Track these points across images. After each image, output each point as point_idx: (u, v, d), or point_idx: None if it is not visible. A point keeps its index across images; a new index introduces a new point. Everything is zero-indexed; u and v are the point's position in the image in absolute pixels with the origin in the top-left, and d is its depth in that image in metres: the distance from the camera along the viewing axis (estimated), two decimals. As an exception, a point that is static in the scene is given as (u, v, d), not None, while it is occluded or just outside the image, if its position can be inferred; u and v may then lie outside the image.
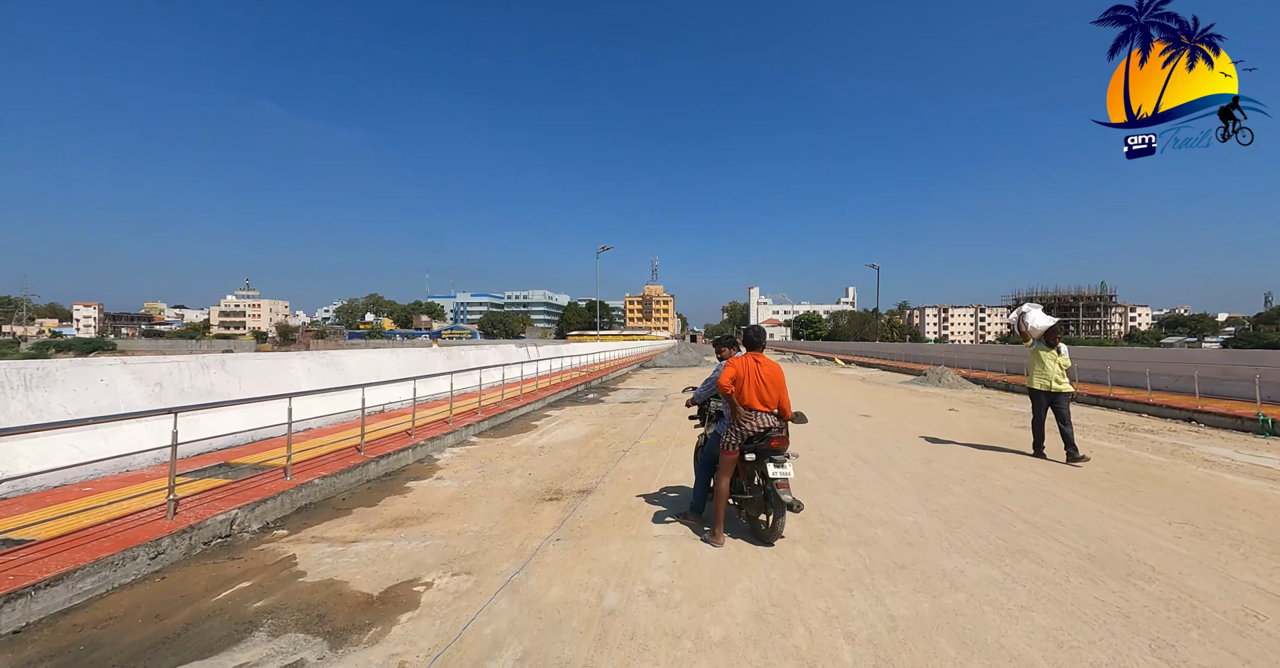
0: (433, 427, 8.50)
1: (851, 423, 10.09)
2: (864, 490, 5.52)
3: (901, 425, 9.88)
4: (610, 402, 14.06)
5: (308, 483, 5.18)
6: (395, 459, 6.72)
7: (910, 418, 10.89)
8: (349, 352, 9.49)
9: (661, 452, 7.76)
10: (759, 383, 4.14)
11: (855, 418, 10.71)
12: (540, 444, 8.45)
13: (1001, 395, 15.40)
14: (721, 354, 4.75)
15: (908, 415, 11.26)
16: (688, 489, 5.75)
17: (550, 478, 6.31)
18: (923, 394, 15.77)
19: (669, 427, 9.95)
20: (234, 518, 4.25)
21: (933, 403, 13.59)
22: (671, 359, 34.31)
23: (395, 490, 5.79)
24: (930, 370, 19.56)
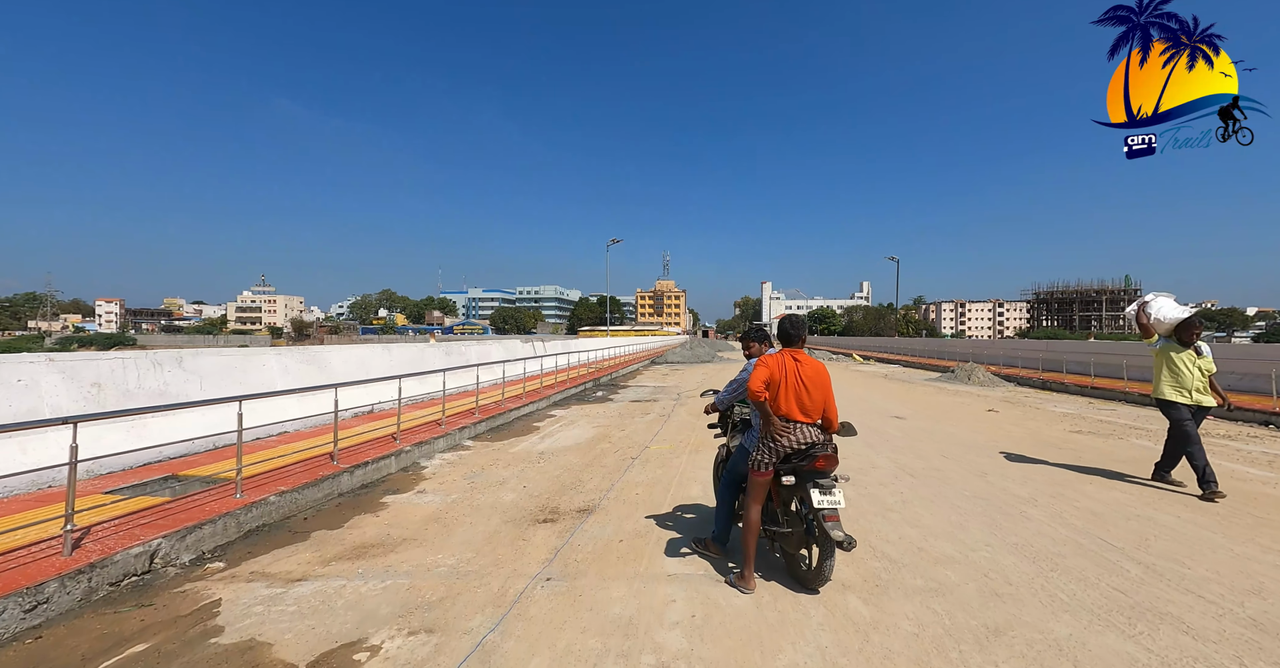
0: (423, 429, 7.74)
1: (885, 427, 9.16)
2: (918, 513, 4.63)
3: (941, 430, 8.93)
4: (619, 400, 13.25)
5: (261, 501, 4.42)
6: (375, 468, 5.96)
7: (948, 420, 9.92)
8: (335, 347, 8.78)
9: (674, 460, 6.91)
10: (799, 387, 3.28)
11: (888, 421, 9.77)
12: (540, 449, 7.66)
13: (1040, 395, 14.32)
14: (750, 350, 3.90)
15: (945, 417, 10.29)
16: (706, 509, 4.91)
17: (547, 492, 5.50)
18: (954, 393, 14.74)
19: (682, 429, 9.11)
20: (156, 550, 3.49)
21: (967, 403, 12.58)
22: (683, 355, 33.43)
23: (368, 507, 5.01)
24: (958, 367, 18.48)
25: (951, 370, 18.70)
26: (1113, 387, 13.25)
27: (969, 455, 6.91)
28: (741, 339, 3.97)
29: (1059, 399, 13.16)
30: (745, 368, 3.72)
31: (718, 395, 4.09)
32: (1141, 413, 10.69)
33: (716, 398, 4.10)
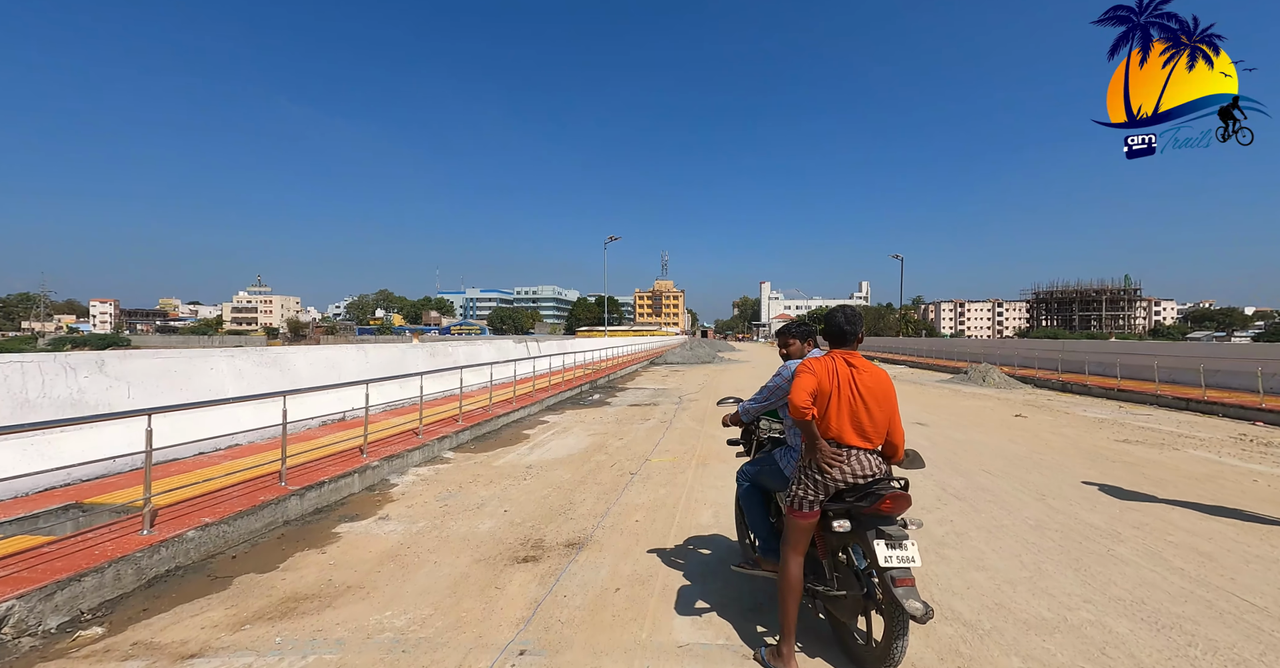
0: (397, 440, 6.91)
1: (910, 435, 8.35)
2: (980, 550, 3.81)
3: (972, 438, 8.12)
4: (617, 404, 12.42)
5: (176, 538, 3.58)
6: (333, 489, 5.12)
7: (976, 427, 9.11)
8: (300, 348, 7.94)
9: (679, 475, 6.09)
10: (855, 402, 2.47)
11: (911, 428, 8.97)
12: (528, 462, 6.83)
13: (1064, 398, 13.52)
14: (788, 350, 3.08)
15: (971, 424, 9.48)
16: (721, 540, 4.09)
17: (532, 518, 4.68)
18: (971, 396, 13.94)
19: (686, 438, 8.29)
20: (5, 615, 2.65)
21: (990, 407, 11.78)
22: (683, 356, 32.62)
23: (315, 540, 4.18)
24: (971, 368, 17.69)
25: (964, 371, 17.91)
26: (1142, 389, 12.48)
27: (1015, 471, 6.10)
28: (780, 336, 3.15)
29: (1085, 403, 12.37)
30: (781, 372, 2.91)
31: (742, 405, 3.26)
32: (1183, 418, 9.90)
33: (740, 407, 3.26)
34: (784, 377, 2.87)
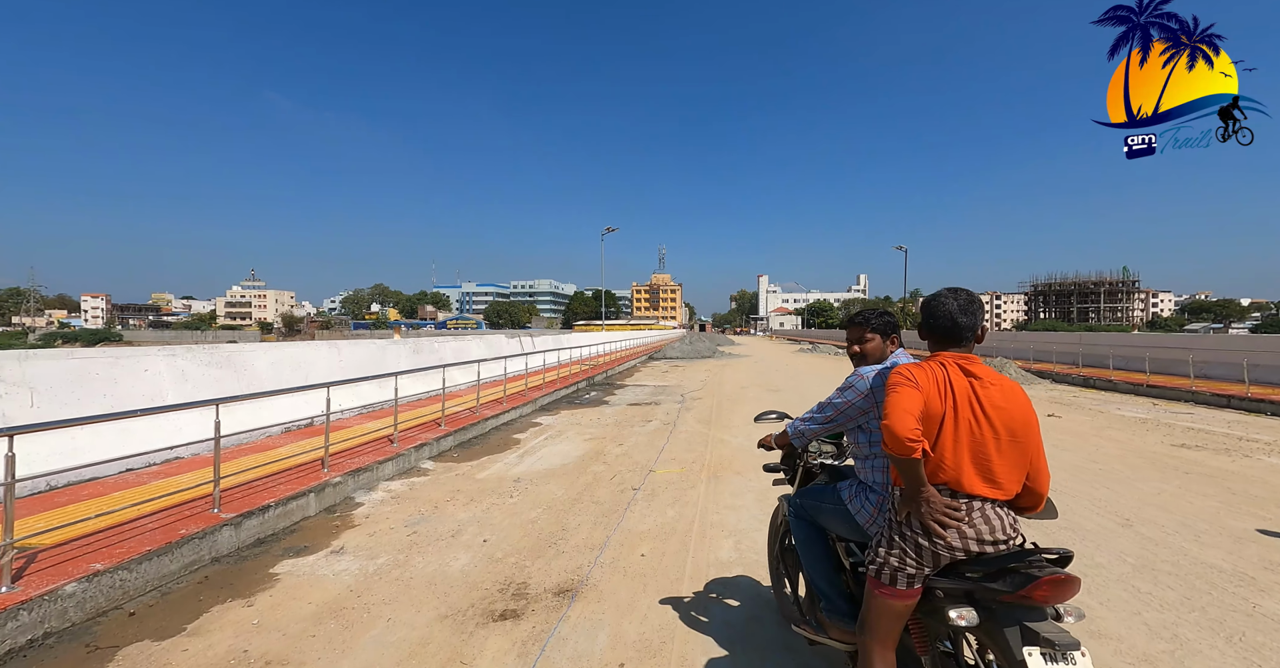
0: (367, 449, 6.09)
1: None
2: (1080, 599, 3.01)
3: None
4: (615, 403, 11.61)
5: (48, 594, 2.76)
6: (282, 513, 4.31)
7: (1009, 429, 8.32)
8: (261, 346, 7.10)
9: (689, 491, 5.30)
10: (980, 431, 1.65)
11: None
12: (516, 474, 6.02)
13: (1090, 394, 12.76)
14: (863, 348, 2.22)
15: (1002, 425, 8.69)
16: (748, 584, 3.30)
17: (516, 550, 3.87)
18: (990, 392, 13.16)
19: (693, 443, 7.49)
20: None
21: (1014, 405, 10.99)
22: (683, 350, 31.83)
23: (245, 585, 3.37)
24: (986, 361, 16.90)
25: (977, 366, 17.14)
26: (1175, 385, 11.72)
27: (1080, 486, 5.31)
28: (851, 327, 2.25)
29: (1116, 399, 11.61)
30: (853, 384, 2.09)
31: (793, 423, 2.34)
32: (1229, 417, 9.15)
33: (791, 426, 2.34)
34: (858, 390, 2.06)
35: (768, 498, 5.03)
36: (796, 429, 2.29)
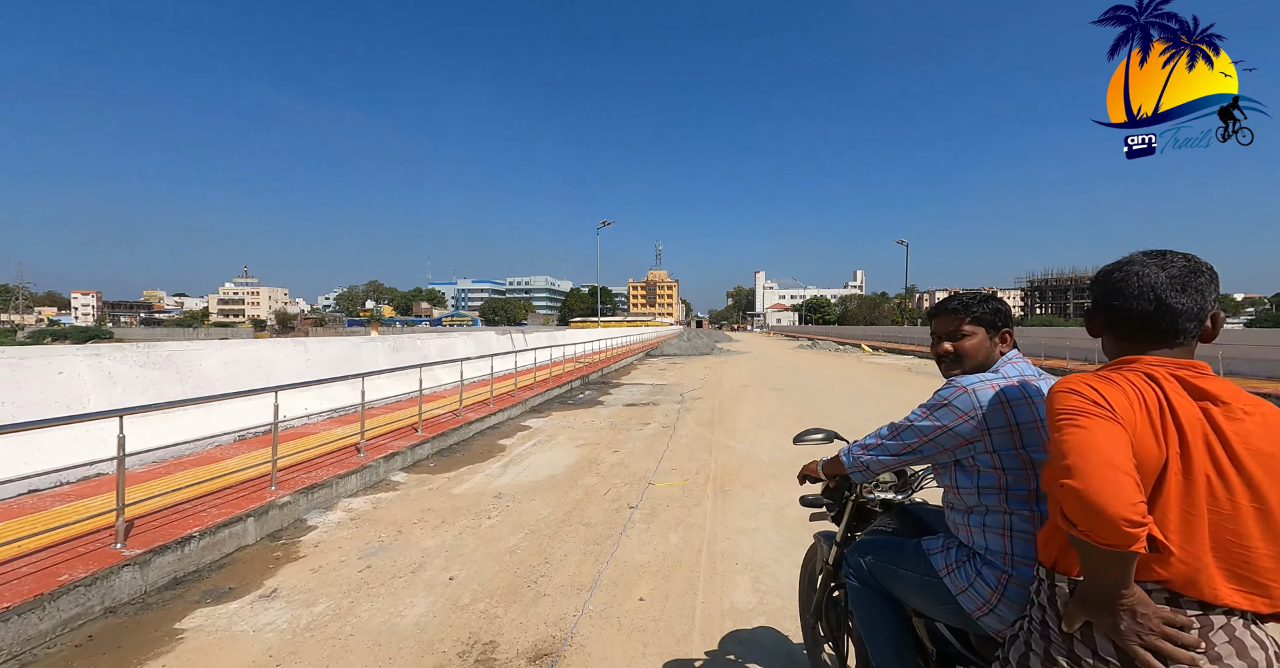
0: (331, 459, 5.38)
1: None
2: None
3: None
4: (610, 404, 10.92)
5: None
6: (209, 544, 3.59)
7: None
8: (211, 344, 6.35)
9: (694, 509, 4.61)
10: (1227, 497, 0.95)
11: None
12: (499, 487, 5.33)
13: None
14: (960, 346, 1.53)
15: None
16: (773, 638, 2.62)
17: (487, 592, 3.18)
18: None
19: (695, 449, 6.81)
20: None
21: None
22: (681, 347, 31.15)
23: (136, 648, 2.66)
24: (995, 360, 16.32)
25: (987, 363, 16.58)
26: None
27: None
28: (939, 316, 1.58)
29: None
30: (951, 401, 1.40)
31: (851, 449, 1.65)
32: None
33: (848, 456, 1.64)
34: (958, 409, 1.37)
35: (786, 517, 4.36)
36: (857, 460, 1.59)
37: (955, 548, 1.41)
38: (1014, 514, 1.30)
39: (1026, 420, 1.30)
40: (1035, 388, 1.36)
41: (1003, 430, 1.30)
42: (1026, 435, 1.29)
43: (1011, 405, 1.31)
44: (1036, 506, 1.28)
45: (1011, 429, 1.29)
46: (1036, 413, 1.30)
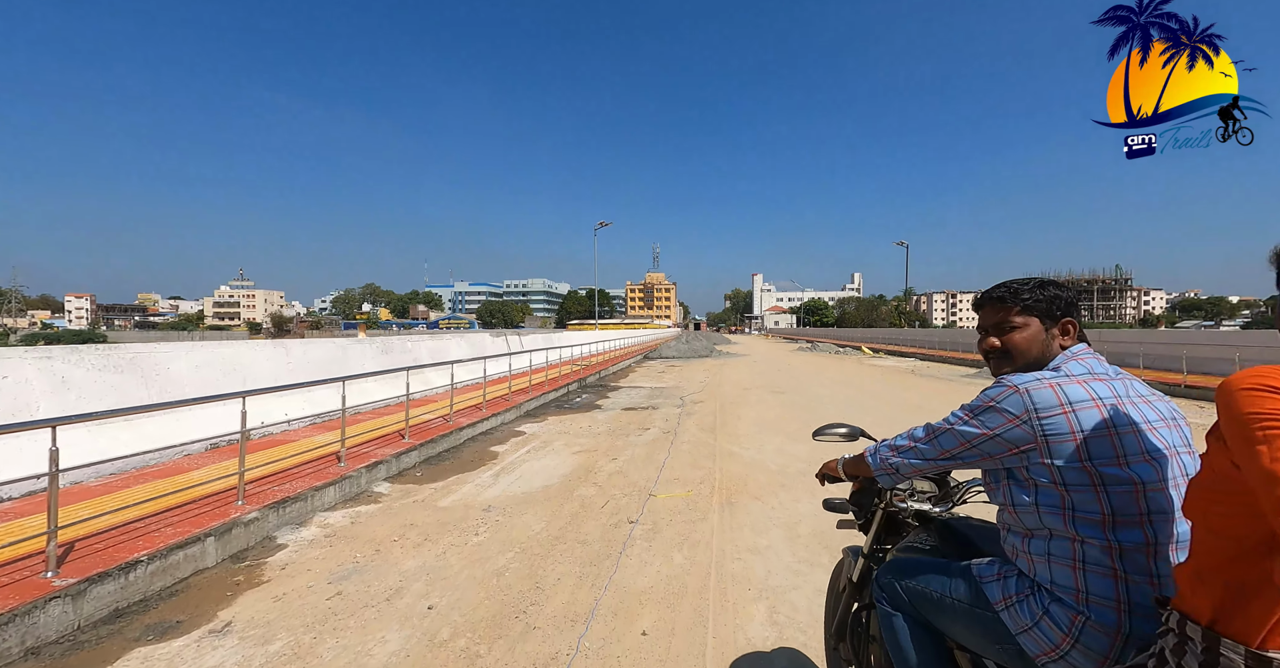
0: (309, 469, 5.00)
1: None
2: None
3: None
4: (609, 408, 10.55)
5: None
6: (160, 567, 3.21)
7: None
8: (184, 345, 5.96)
9: (699, 524, 4.24)
10: None
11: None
12: (488, 499, 4.95)
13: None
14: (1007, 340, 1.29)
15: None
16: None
17: (469, 624, 2.81)
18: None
19: (698, 455, 6.44)
20: None
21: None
22: (679, 349, 30.81)
23: (58, 698, 2.28)
24: (1001, 361, 16.00)
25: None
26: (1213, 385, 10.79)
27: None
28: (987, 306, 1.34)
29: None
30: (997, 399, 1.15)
31: (878, 449, 1.38)
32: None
33: (875, 454, 1.38)
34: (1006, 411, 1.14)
35: (800, 534, 4.00)
36: (885, 461, 1.34)
37: (1015, 578, 1.17)
38: (1085, 543, 1.07)
39: (1095, 428, 1.07)
40: (1110, 389, 1.14)
41: (1064, 438, 1.07)
42: (1095, 447, 1.06)
43: (1076, 409, 1.08)
44: (1113, 533, 1.04)
45: (1075, 438, 1.07)
46: (1111, 419, 1.08)
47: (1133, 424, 1.08)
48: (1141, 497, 1.04)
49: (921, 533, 1.58)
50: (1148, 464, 1.05)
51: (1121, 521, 1.04)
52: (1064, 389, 1.11)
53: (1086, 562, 1.06)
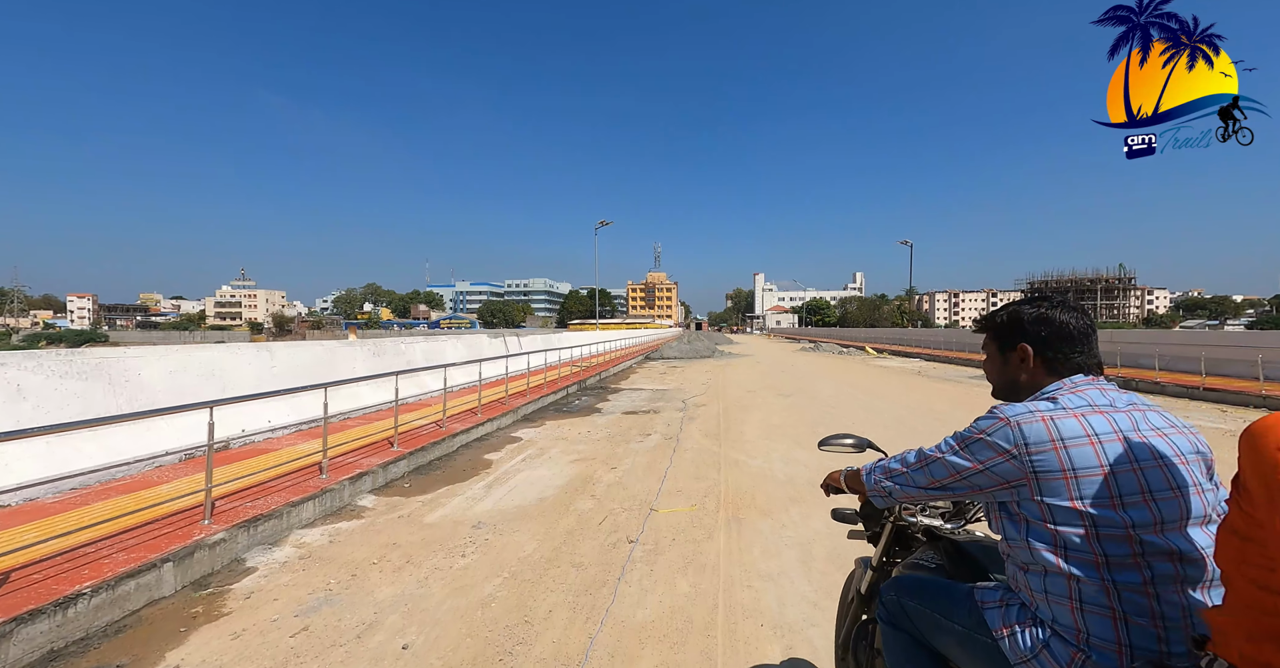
0: (289, 482, 4.68)
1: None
2: None
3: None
4: (608, 412, 10.22)
5: None
6: (107, 600, 2.89)
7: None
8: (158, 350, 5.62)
9: (705, 543, 3.91)
10: None
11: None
12: (479, 514, 4.63)
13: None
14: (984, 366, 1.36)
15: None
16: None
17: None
18: (1026, 396, 11.86)
19: (701, 465, 6.11)
20: None
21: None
22: (681, 350, 30.49)
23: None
24: (1010, 363, 15.63)
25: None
26: (1239, 389, 10.46)
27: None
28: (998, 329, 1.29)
29: (1178, 406, 10.30)
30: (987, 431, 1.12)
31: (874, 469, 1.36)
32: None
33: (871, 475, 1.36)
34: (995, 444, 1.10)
35: (815, 557, 3.67)
36: (878, 484, 1.33)
37: (1018, 608, 1.13)
38: (1081, 582, 1.03)
39: (1088, 467, 1.03)
40: (1111, 424, 1.07)
41: (1054, 476, 1.04)
42: (1086, 487, 1.03)
43: (1069, 446, 1.05)
44: (1109, 573, 1.01)
45: (1066, 476, 1.04)
46: (1106, 457, 1.03)
47: (1134, 462, 1.02)
48: (1135, 540, 0.99)
49: (929, 551, 1.55)
50: (1146, 506, 1.00)
51: (1115, 561, 1.00)
52: (1057, 423, 1.06)
53: (1084, 602, 1.01)
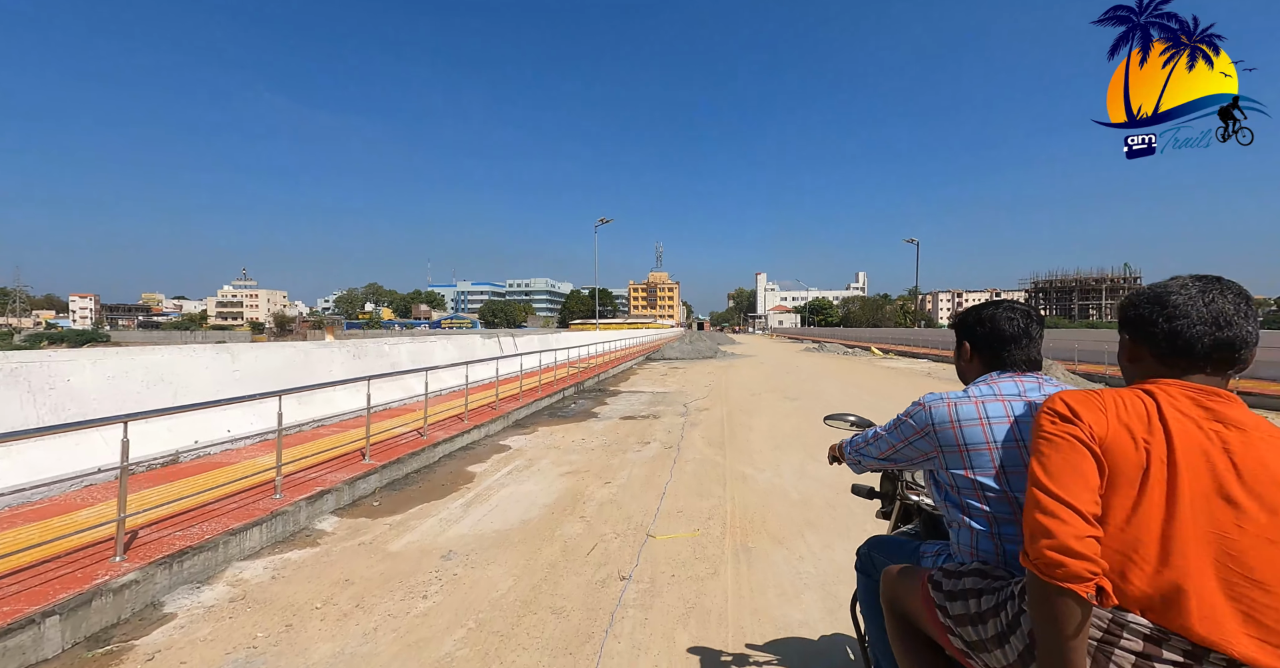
0: (232, 506, 4.09)
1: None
2: None
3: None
4: (605, 417, 9.62)
5: None
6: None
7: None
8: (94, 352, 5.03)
9: (710, 581, 3.31)
10: (1231, 522, 0.84)
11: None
12: (450, 541, 4.04)
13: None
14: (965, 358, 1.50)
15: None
16: None
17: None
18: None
19: (705, 479, 5.51)
20: None
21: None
22: (682, 350, 29.85)
23: None
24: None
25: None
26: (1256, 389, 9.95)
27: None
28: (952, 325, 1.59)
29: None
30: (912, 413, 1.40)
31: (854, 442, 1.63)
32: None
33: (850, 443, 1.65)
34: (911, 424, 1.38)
35: (841, 597, 3.08)
36: (854, 447, 1.61)
37: (945, 557, 1.39)
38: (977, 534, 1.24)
39: (977, 442, 1.24)
40: (1006, 409, 1.26)
41: (952, 450, 1.27)
42: (977, 458, 1.24)
43: (963, 426, 1.26)
44: (997, 527, 1.21)
45: (960, 450, 1.26)
46: (993, 435, 1.24)
47: (1019, 441, 1.20)
48: (1015, 502, 1.18)
49: (916, 524, 1.83)
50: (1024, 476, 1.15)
51: (1001, 518, 1.20)
52: (958, 408, 1.28)
53: (979, 549, 1.24)
